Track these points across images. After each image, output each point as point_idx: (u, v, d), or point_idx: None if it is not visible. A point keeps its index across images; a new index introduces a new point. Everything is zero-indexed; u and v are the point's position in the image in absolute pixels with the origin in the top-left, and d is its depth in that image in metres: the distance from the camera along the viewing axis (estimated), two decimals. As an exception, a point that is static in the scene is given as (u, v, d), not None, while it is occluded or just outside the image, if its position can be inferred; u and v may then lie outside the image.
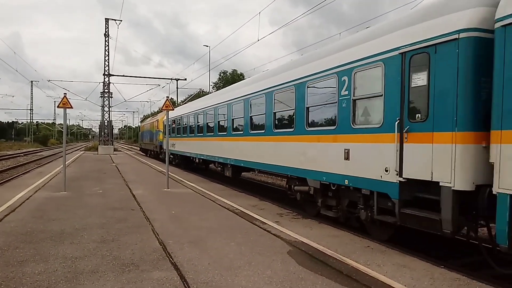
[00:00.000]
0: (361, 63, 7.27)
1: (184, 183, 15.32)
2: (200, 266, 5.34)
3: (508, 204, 4.77)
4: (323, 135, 8.50)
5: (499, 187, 4.88)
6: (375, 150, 6.92)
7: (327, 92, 8.39)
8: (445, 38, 5.62)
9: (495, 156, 4.96)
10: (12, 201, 10.18)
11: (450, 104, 5.54)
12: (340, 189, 8.24)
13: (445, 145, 5.62)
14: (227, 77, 65.29)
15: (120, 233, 7.10)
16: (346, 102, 7.64)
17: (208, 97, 21.02)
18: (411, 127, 6.16)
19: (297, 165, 9.49)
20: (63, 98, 12.19)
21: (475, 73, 5.40)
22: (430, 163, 5.82)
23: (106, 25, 40.33)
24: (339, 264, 5.51)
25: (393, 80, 6.48)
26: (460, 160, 5.41)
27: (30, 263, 5.34)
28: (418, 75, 6.09)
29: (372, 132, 7.01)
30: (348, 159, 7.60)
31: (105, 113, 42.94)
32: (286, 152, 10.08)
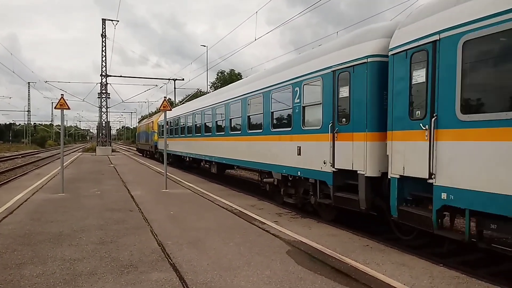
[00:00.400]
0: (307, 77, 9.02)
1: (182, 183, 15.30)
2: (199, 266, 5.33)
3: (396, 185, 6.43)
4: (282, 135, 10.24)
5: (391, 173, 6.58)
6: (317, 147, 8.62)
7: (285, 99, 10.09)
8: (359, 61, 7.35)
9: (388, 150, 6.68)
10: (10, 203, 10.15)
11: (363, 111, 7.28)
12: (295, 179, 9.91)
13: (360, 142, 7.35)
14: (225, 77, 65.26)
15: (118, 234, 7.08)
16: (298, 108, 9.39)
17: (195, 101, 22.71)
18: (339, 128, 7.90)
19: (265, 161, 11.25)
20: (60, 99, 12.16)
21: (379, 88, 7.07)
22: (351, 156, 7.56)
23: (103, 26, 40.25)
24: (338, 263, 5.51)
25: (328, 92, 8.22)
26: (370, 153, 7.15)
27: (28, 266, 5.32)
28: (343, 88, 7.85)
29: (315, 132, 8.72)
30: (300, 154, 9.32)
31: (103, 114, 42.89)
32: (257, 150, 11.85)
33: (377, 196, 7.21)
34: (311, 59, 9.15)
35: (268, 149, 11.05)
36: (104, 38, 40.42)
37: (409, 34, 6.29)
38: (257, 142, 11.85)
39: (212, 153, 16.47)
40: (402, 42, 6.40)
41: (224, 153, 14.93)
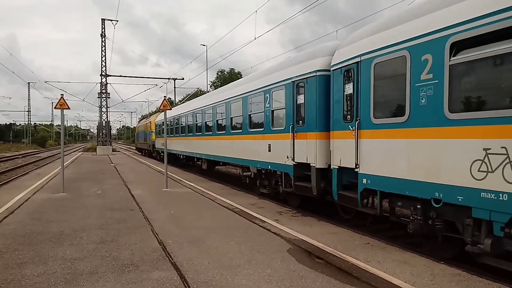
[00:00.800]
0: (275, 85, 10.67)
1: (183, 182, 15.31)
2: (200, 265, 5.33)
3: (336, 174, 8.08)
4: (257, 134, 11.83)
5: (332, 165, 8.25)
6: (282, 144, 10.20)
7: (259, 104, 11.72)
8: (311, 74, 9.01)
9: (331, 147, 8.39)
10: (10, 203, 10.15)
11: (313, 115, 8.93)
12: (267, 172, 11.52)
13: (312, 140, 8.98)
14: (225, 76, 65.20)
15: (119, 233, 7.08)
16: (269, 111, 11.03)
17: (188, 103, 24.82)
18: (297, 129, 9.51)
19: (244, 157, 12.96)
20: (60, 99, 12.16)
21: (325, 96, 8.65)
22: (306, 151, 9.18)
23: (102, 26, 40.26)
24: (339, 261, 5.51)
25: (289, 98, 9.85)
26: (319, 149, 8.79)
27: (29, 265, 5.32)
28: (300, 96, 9.49)
29: (280, 132, 10.31)
30: (270, 151, 10.95)
31: (103, 113, 42.91)
32: (238, 148, 13.55)
33: (327, 184, 8.68)
34: (278, 70, 10.87)
35: (246, 147, 12.79)
36: (103, 38, 40.44)
37: (343, 54, 7.84)
38: (238, 141, 13.59)
39: (202, 151, 18.27)
40: (339, 61, 7.96)
41: (212, 151, 16.65)
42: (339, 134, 8.00)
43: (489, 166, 4.88)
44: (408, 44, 6.13)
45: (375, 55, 6.86)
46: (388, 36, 6.59)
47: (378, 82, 6.87)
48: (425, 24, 5.82)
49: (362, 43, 7.29)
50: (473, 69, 5.22)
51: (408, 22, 6.22)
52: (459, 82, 5.38)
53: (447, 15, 5.46)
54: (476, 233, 5.27)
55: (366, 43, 7.16)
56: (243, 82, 14.53)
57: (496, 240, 5.00)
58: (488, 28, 4.83)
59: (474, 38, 5.04)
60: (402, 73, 6.22)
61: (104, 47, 40.66)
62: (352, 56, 7.48)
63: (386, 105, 6.80)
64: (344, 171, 7.93)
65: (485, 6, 4.90)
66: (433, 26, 5.66)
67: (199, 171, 21.01)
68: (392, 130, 6.53)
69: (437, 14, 5.65)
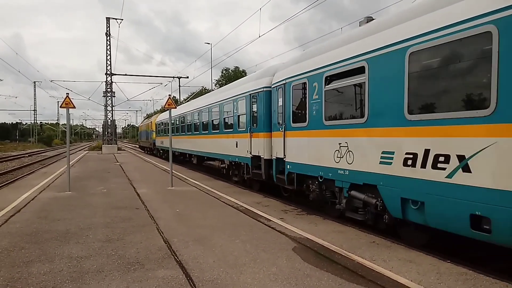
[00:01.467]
0: (239, 96, 13.93)
1: (188, 181, 15.34)
2: (205, 264, 5.33)
3: (274, 163, 11.08)
4: (229, 134, 14.95)
5: (272, 156, 11.26)
6: (244, 142, 13.18)
7: (230, 110, 14.93)
8: (260, 90, 12.10)
9: (272, 143, 11.31)
10: (17, 202, 10.22)
11: (262, 119, 11.95)
12: (236, 164, 14.60)
13: (261, 138, 11.95)
14: (229, 74, 65.13)
15: (125, 232, 7.10)
16: (236, 116, 14.25)
17: (182, 106, 28.13)
18: (253, 130, 12.50)
19: (221, 152, 16.14)
20: (65, 98, 12.21)
21: (270, 106, 11.58)
22: (258, 147, 12.13)
23: (107, 24, 40.34)
24: (345, 260, 5.49)
25: (248, 106, 12.93)
26: (265, 145, 11.69)
27: (35, 264, 5.35)
28: (254, 105, 12.55)
29: (243, 132, 13.34)
30: (237, 147, 13.93)
31: (108, 112, 43.04)
32: (217, 145, 16.58)
33: (271, 170, 11.41)
34: (243, 84, 14.23)
35: (222, 144, 15.86)
36: (108, 36, 40.54)
37: (277, 77, 10.95)
38: (216, 139, 16.82)
39: (192, 148, 21.49)
40: (275, 81, 11.03)
41: (200, 148, 19.89)
42: (276, 134, 11.08)
43: (341, 154, 7.94)
44: (307, 75, 9.19)
45: (292, 80, 9.95)
46: (298, 68, 9.75)
47: (294, 98, 9.96)
48: (315, 63, 8.90)
49: (287, 70, 10.36)
50: (334, 93, 8.31)
51: (307, 60, 9.39)
52: (329, 101, 8.45)
53: (323, 60, 8.59)
54: (340, 197, 8.29)
55: (288, 71, 10.25)
56: (220, 91, 18.54)
57: (347, 200, 8.00)
58: (338, 70, 8.01)
59: (335, 75, 8.12)
60: (305, 94, 9.33)
61: (109, 45, 40.82)
62: (282, 79, 10.52)
63: (298, 114, 9.77)
64: (279, 160, 10.86)
65: (336, 57, 8.08)
66: (318, 65, 8.76)
67: (204, 170, 21.04)
68: (300, 131, 9.56)
69: (318, 58, 8.86)
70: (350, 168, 7.60)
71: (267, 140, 11.62)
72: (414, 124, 6.09)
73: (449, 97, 5.67)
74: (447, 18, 5.51)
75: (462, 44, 5.30)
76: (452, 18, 5.40)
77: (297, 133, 9.70)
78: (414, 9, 6.39)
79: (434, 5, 5.84)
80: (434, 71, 5.97)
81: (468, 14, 5.17)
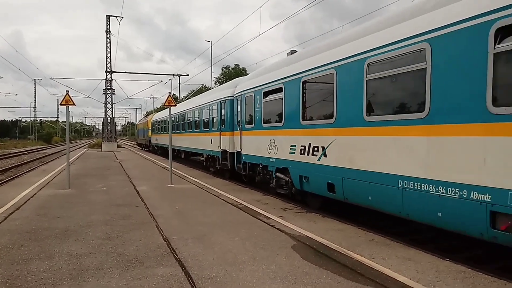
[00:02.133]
0: (212, 102, 17.10)
1: (187, 178, 15.34)
2: (205, 261, 5.34)
3: (235, 155, 14.22)
4: (206, 132, 18.17)
5: (234, 150, 14.31)
6: (216, 139, 16.28)
7: (207, 113, 18.22)
8: (226, 98, 15.12)
9: (234, 140, 14.24)
10: (16, 199, 10.23)
11: (227, 121, 14.84)
12: (211, 157, 17.77)
13: (227, 136, 14.78)
14: (229, 72, 65.02)
15: (124, 229, 7.11)
16: (211, 118, 17.41)
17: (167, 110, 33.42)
18: (222, 130, 15.49)
19: (201, 148, 19.45)
20: (65, 95, 12.21)
21: (233, 111, 14.45)
22: (225, 143, 14.97)
23: (107, 22, 40.29)
24: (344, 258, 5.50)
25: (219, 111, 15.96)
26: (231, 141, 14.45)
27: (35, 261, 5.36)
28: (223, 110, 15.59)
29: (215, 131, 16.39)
30: (212, 143, 16.99)
31: (108, 110, 43.02)
32: (197, 141, 20.06)
33: (234, 162, 14.40)
34: (217, 92, 18.00)
35: (201, 141, 19.19)
36: (108, 34, 40.46)
37: (238, 89, 14.06)
38: (197, 137, 20.17)
39: (180, 144, 24.66)
40: (236, 93, 14.31)
41: (186, 144, 23.20)
42: (237, 133, 14.08)
43: (271, 147, 10.98)
44: (253, 90, 12.32)
45: (245, 92, 13.09)
46: (249, 83, 12.99)
47: (247, 106, 12.91)
48: (258, 81, 12.00)
49: (243, 85, 13.68)
50: (268, 104, 11.25)
51: (254, 79, 12.62)
52: (265, 110, 11.44)
53: (261, 80, 11.81)
54: (272, 178, 11.25)
55: (243, 86, 13.58)
56: (200, 97, 22.46)
57: (276, 180, 10.99)
58: (269, 88, 11.16)
59: (269, 91, 11.16)
60: (252, 103, 12.37)
61: (109, 43, 40.76)
62: (239, 91, 13.77)
63: (249, 118, 12.80)
64: (239, 153, 13.85)
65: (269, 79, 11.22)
66: (259, 83, 11.97)
67: (203, 168, 21.04)
68: (250, 131, 12.67)
69: (259, 78, 12.10)
70: (275, 157, 10.77)
71: (231, 137, 14.54)
72: (304, 127, 9.26)
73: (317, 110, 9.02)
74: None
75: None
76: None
77: (248, 132, 12.87)
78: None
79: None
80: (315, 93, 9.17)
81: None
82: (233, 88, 14.79)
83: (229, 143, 14.59)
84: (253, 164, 12.64)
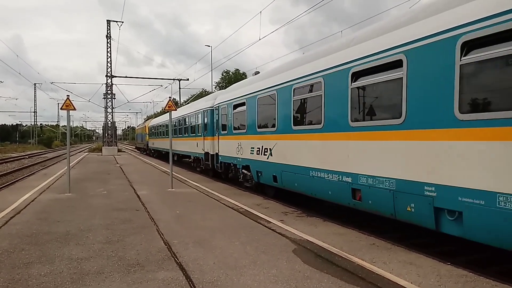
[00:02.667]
0: (197, 111, 19.93)
1: (188, 183, 15.34)
2: (205, 265, 5.33)
3: (215, 157, 16.80)
4: (193, 137, 20.94)
5: (214, 152, 16.99)
6: (201, 143, 18.87)
7: (193, 120, 21.12)
8: (208, 108, 18.08)
9: (214, 144, 17.00)
10: (17, 203, 10.22)
11: (209, 128, 17.67)
12: (197, 158, 20.35)
13: (209, 140, 17.65)
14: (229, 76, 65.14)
15: (125, 233, 7.10)
16: (196, 125, 20.22)
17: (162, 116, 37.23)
18: (205, 135, 18.26)
19: (189, 150, 22.20)
20: (66, 100, 12.22)
21: (214, 119, 17.07)
22: (207, 146, 17.88)
23: (108, 27, 40.39)
24: (345, 262, 5.49)
25: (203, 119, 18.81)
26: (211, 145, 17.34)
27: (35, 265, 5.35)
28: (205, 118, 18.42)
29: (200, 136, 19.10)
30: (197, 146, 19.67)
31: (108, 114, 43.05)
32: (186, 145, 22.86)
33: (213, 162, 17.01)
34: (201, 102, 20.78)
35: (189, 144, 22.02)
36: (109, 39, 40.58)
37: (217, 101, 16.57)
38: (186, 141, 22.87)
39: (178, 148, 25.96)
40: (215, 104, 16.80)
41: (177, 148, 24.67)
42: (215, 138, 16.69)
43: (238, 149, 13.53)
44: (226, 102, 15.07)
45: (221, 104, 15.76)
46: (223, 97, 15.82)
47: (222, 116, 15.73)
48: (230, 96, 14.84)
49: (219, 98, 16.58)
50: (237, 115, 13.77)
51: (226, 94, 15.62)
52: (235, 119, 13.98)
53: (231, 95, 14.74)
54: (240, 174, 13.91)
55: (219, 99, 16.46)
56: (188, 106, 25.78)
57: (243, 175, 13.59)
58: (235, 102, 13.91)
59: (237, 104, 13.73)
60: (225, 113, 15.14)
61: (109, 48, 40.85)
62: (217, 103, 16.56)
63: (224, 125, 15.37)
64: (217, 155, 16.38)
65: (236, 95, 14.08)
66: (228, 98, 14.90)
67: (204, 172, 21.05)
68: (225, 136, 15.26)
69: (230, 94, 14.93)
70: (241, 157, 13.38)
71: (212, 141, 17.23)
72: (259, 133, 11.91)
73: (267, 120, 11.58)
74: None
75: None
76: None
77: (224, 137, 15.51)
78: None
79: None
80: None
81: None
82: (213, 100, 17.53)
83: (210, 146, 17.41)
84: (227, 163, 15.31)
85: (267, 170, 11.33)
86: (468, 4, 5.23)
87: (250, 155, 12.54)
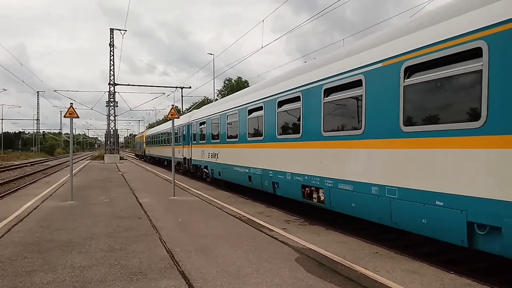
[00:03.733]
0: (184, 124, 23.65)
1: (190, 191, 15.34)
2: (208, 274, 5.32)
3: (191, 162, 21.83)
4: (180, 146, 24.49)
5: (191, 158, 21.97)
6: (181, 150, 24.26)
7: (181, 131, 24.59)
8: (187, 123, 23.09)
9: (190, 151, 22.26)
10: (19, 211, 10.24)
11: (187, 138, 22.95)
12: (179, 162, 24.49)
13: (187, 148, 22.92)
14: (232, 84, 65.38)
15: (127, 241, 7.10)
16: (183, 135, 24.09)
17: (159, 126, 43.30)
18: (184, 144, 23.72)
19: (179, 156, 24.59)
20: (69, 108, 12.29)
21: (190, 132, 22.47)
22: (185, 153, 23.27)
23: (111, 35, 40.74)
24: (348, 271, 5.47)
25: (187, 131, 23.00)
26: (188, 152, 22.53)
27: (38, 273, 5.35)
28: (184, 131, 23.71)
29: (186, 145, 23.14)
30: (179, 153, 24.47)
31: (111, 122, 43.22)
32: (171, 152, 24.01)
33: (189, 165, 21.95)
34: (182, 118, 23.40)
35: (177, 151, 24.35)
36: (112, 47, 40.88)
37: (192, 118, 21.88)
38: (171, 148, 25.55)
39: (161, 154, 33.89)
40: (189, 120, 22.24)
41: (165, 154, 31.79)
42: (190, 147, 21.47)
43: (203, 154, 19.09)
44: (195, 120, 20.73)
45: (193, 121, 21.10)
46: (195, 115, 21.39)
47: (194, 129, 20.83)
48: (199, 115, 20.68)
49: (194, 115, 21.50)
50: (202, 129, 19.58)
51: (197, 113, 21.77)
52: (201, 133, 19.65)
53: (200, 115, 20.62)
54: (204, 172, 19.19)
55: (193, 117, 21.33)
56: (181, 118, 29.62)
57: (205, 173, 18.92)
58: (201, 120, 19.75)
59: (201, 122, 19.65)
60: (196, 127, 20.50)
61: (112, 56, 41.13)
62: (192, 119, 21.37)
63: (195, 137, 20.56)
64: (192, 160, 21.07)
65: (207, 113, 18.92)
66: (199, 116, 20.48)
67: (206, 180, 21.07)
68: (196, 145, 20.50)
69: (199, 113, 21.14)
70: (204, 160, 18.43)
71: (188, 149, 22.11)
72: (212, 143, 17.01)
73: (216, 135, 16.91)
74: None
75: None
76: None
77: (195, 146, 20.68)
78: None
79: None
80: None
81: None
82: (189, 117, 22.57)
83: (187, 152, 22.50)
84: (197, 165, 20.40)
85: (216, 168, 16.49)
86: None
87: (208, 159, 17.95)
